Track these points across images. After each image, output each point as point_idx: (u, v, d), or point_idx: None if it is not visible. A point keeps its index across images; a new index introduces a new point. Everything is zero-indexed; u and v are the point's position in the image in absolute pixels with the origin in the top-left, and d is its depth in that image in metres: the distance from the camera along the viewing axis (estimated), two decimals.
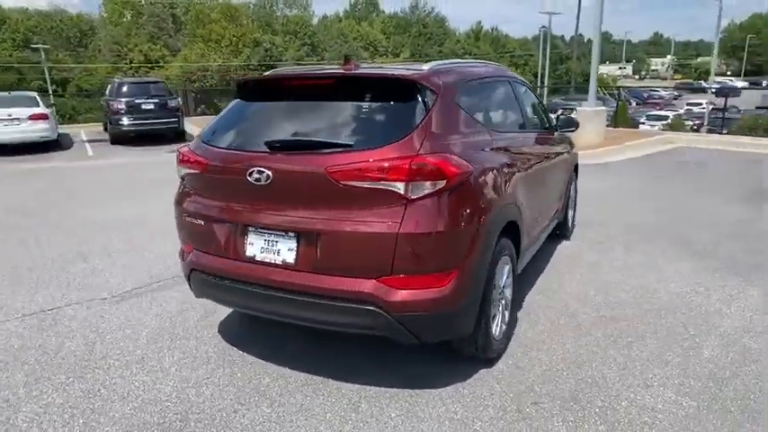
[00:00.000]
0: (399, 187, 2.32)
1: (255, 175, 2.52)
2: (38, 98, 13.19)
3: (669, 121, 23.59)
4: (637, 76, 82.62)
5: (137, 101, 13.67)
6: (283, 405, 2.67)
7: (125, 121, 13.52)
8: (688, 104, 32.38)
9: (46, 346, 3.33)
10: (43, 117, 12.33)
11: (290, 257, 2.56)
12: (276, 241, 2.60)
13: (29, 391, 2.84)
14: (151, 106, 13.76)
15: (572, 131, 4.67)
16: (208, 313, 3.77)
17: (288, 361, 3.06)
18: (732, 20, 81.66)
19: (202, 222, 2.81)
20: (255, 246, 2.66)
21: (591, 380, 2.83)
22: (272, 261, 2.60)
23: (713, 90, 44.32)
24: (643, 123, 24.56)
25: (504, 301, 3.06)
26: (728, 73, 73.13)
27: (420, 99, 2.56)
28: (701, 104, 31.01)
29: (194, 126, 16.06)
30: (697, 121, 24.61)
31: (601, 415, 2.53)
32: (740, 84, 45.38)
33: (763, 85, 38.15)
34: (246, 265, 2.68)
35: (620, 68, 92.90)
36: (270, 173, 2.49)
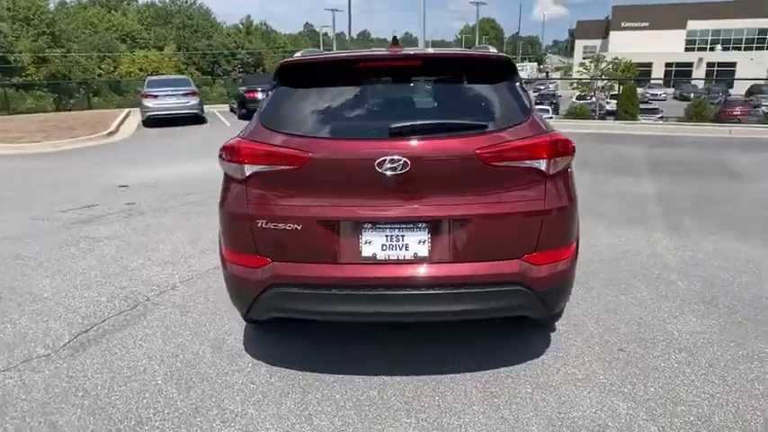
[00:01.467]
0: (543, 164, 2.36)
1: (389, 165, 2.26)
2: None
3: None
4: None
5: None
6: (421, 411, 2.48)
7: None
8: None
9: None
10: None
11: (423, 250, 2.37)
12: (402, 235, 2.37)
13: None
14: None
15: None
16: (218, 342, 3.17)
17: (366, 369, 2.80)
18: (467, 23, 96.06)
19: (297, 227, 2.38)
20: (374, 244, 2.38)
21: (634, 321, 3.29)
22: (400, 257, 2.38)
23: None
24: None
25: None
26: None
27: (515, 80, 2.61)
28: None
29: None
30: None
31: (671, 344, 3.00)
32: None
33: None
34: (363, 268, 2.38)
35: None
36: (406, 160, 2.26)
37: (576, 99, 30.46)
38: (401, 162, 2.27)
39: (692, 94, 29.39)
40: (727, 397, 2.52)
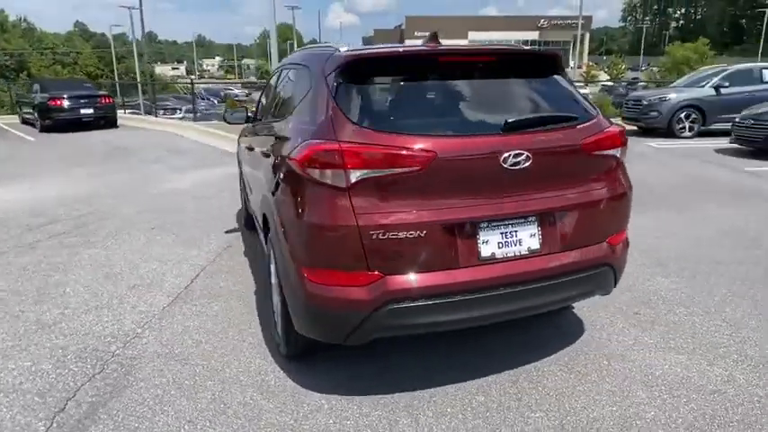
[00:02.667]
0: (618, 152, 2.57)
1: (513, 159, 2.22)
2: None
3: None
4: (193, 76, 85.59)
5: None
6: (540, 403, 2.49)
7: None
8: None
9: None
10: None
11: (535, 243, 2.38)
12: (515, 231, 2.35)
13: None
14: None
15: None
16: (261, 385, 2.72)
17: (447, 378, 2.70)
18: (264, 27, 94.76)
19: (418, 233, 2.16)
20: (491, 243, 2.31)
21: (624, 288, 3.71)
22: (516, 254, 2.35)
23: None
24: None
25: None
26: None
27: (566, 75, 2.76)
28: None
29: None
30: None
31: (667, 302, 3.51)
32: None
33: None
34: (484, 269, 2.30)
35: (173, 68, 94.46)
36: (528, 153, 2.24)
37: None
38: (524, 156, 2.25)
39: None
40: (741, 333, 3.07)
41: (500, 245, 2.33)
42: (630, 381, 2.64)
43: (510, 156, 2.23)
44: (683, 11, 60.33)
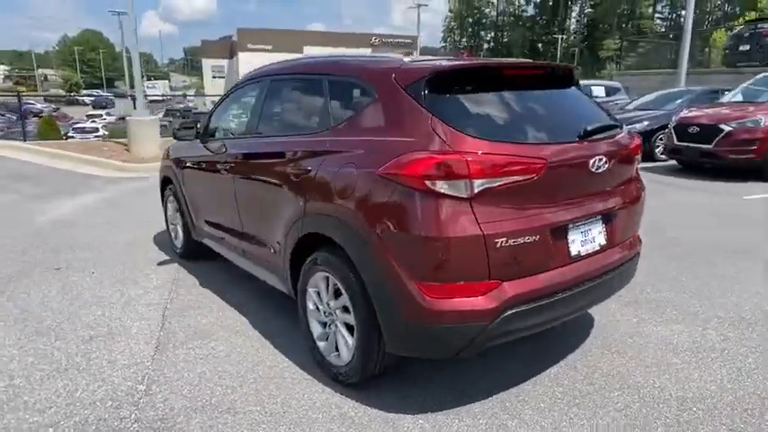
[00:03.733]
0: (639, 158, 2.95)
1: (597, 164, 2.44)
2: None
3: (102, 132, 23.55)
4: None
5: None
6: (604, 386, 2.72)
7: None
8: (88, 116, 32.58)
9: None
10: None
11: (602, 239, 2.62)
12: (589, 229, 2.57)
13: None
14: None
15: None
16: (342, 419, 2.52)
17: (511, 378, 2.81)
18: (65, 33, 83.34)
19: (532, 238, 2.25)
20: (576, 242, 2.49)
21: None
22: (592, 250, 2.56)
23: (88, 102, 45.72)
24: (73, 137, 23.32)
25: None
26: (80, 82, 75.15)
27: None
28: (101, 115, 31.96)
29: None
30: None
31: (649, 283, 4.03)
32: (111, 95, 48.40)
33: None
34: (575, 266, 2.47)
35: None
36: (607, 158, 2.48)
37: None
38: (604, 160, 2.47)
39: None
40: (706, 302, 3.71)
41: (582, 243, 2.52)
42: (661, 351, 3.04)
43: (596, 160, 2.45)
44: (492, 34, 69.04)
